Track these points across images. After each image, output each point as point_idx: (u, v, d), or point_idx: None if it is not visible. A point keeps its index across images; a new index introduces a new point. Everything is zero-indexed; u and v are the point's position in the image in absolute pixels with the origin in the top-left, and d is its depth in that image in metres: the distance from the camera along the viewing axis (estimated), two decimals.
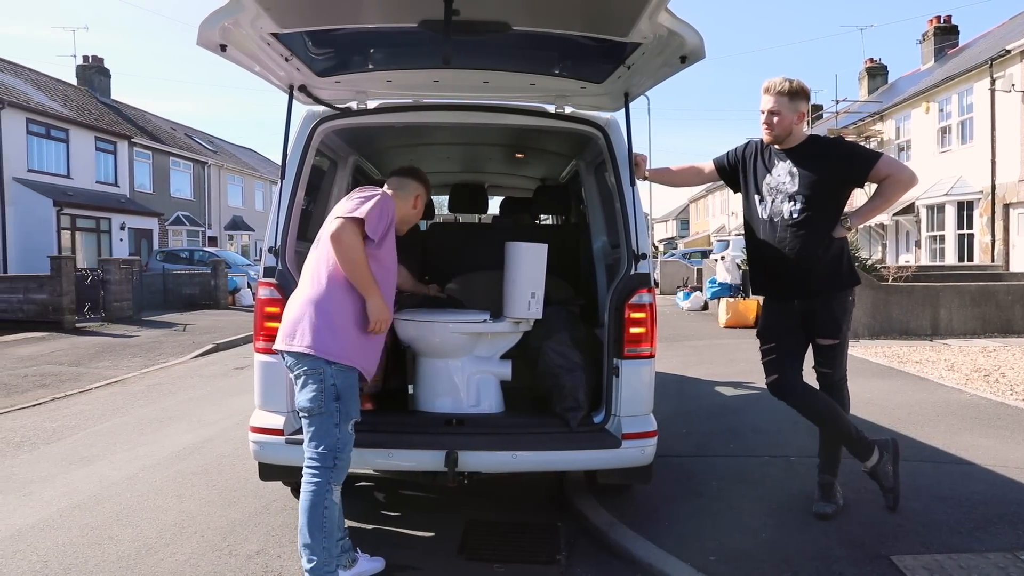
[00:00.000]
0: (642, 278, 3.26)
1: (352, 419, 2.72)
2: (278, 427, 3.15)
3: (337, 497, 2.68)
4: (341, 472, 2.69)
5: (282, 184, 3.33)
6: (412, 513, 3.70)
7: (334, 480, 2.66)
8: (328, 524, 2.63)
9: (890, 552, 2.99)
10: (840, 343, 3.38)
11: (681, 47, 2.85)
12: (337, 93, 3.65)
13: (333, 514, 2.65)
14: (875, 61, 29.70)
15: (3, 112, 20.09)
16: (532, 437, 3.29)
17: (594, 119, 3.69)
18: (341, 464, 2.68)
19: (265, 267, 3.24)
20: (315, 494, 2.63)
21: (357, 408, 2.76)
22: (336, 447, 2.66)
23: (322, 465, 2.65)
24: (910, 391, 6.33)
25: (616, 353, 3.24)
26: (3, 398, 6.86)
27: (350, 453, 2.74)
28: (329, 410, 2.64)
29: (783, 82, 3.26)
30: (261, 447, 3.18)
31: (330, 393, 2.64)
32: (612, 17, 2.81)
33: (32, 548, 3.27)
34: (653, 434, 3.23)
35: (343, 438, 2.67)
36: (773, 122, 3.28)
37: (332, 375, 2.64)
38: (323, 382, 2.64)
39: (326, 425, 2.64)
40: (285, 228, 3.28)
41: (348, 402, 2.68)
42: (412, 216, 3.14)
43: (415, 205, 3.12)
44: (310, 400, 2.63)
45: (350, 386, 2.69)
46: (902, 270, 11.67)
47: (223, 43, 2.80)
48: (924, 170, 20.58)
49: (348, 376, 2.69)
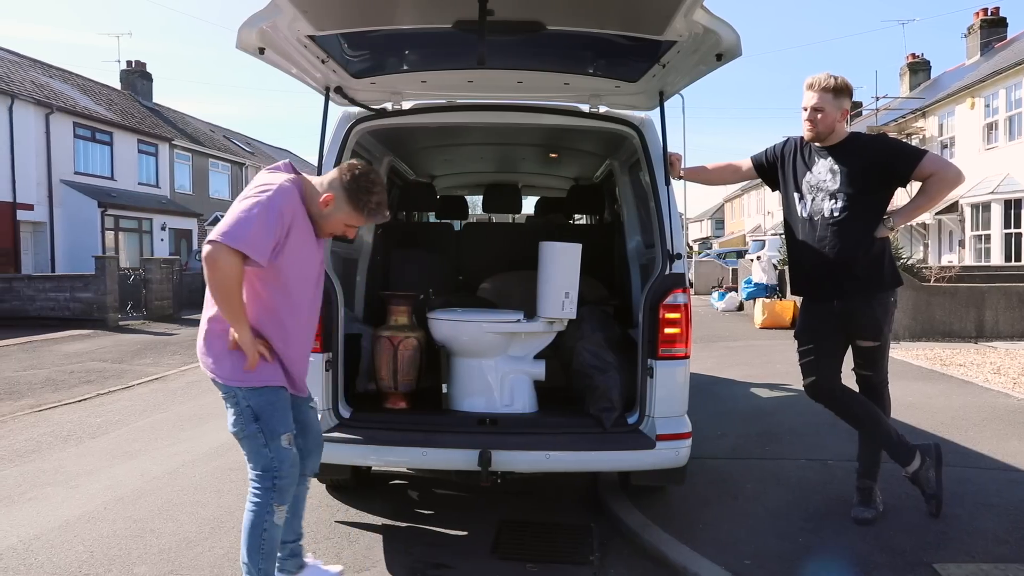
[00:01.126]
0: (677, 278, 3.23)
1: (281, 434, 2.51)
2: None
3: (279, 519, 2.53)
4: (285, 492, 2.52)
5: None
6: (445, 512, 3.72)
7: (276, 500, 2.50)
8: (267, 545, 2.51)
9: (932, 560, 2.91)
10: (881, 345, 3.31)
11: (717, 44, 2.80)
12: (372, 94, 3.68)
13: (275, 537, 2.53)
14: (917, 56, 28.97)
15: (52, 116, 20.74)
16: (566, 437, 3.27)
17: (629, 118, 3.67)
18: (282, 484, 2.50)
19: None
20: (255, 515, 2.50)
21: (285, 422, 2.54)
22: (271, 467, 2.49)
23: (261, 487, 2.50)
24: (954, 395, 6.16)
25: (650, 354, 3.21)
26: (51, 393, 7.09)
27: (295, 468, 2.56)
28: (251, 432, 2.49)
29: (828, 78, 3.20)
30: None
31: (247, 415, 2.48)
32: (647, 15, 2.77)
33: (79, 539, 3.37)
34: (688, 435, 3.21)
35: (277, 456, 2.49)
36: (816, 119, 3.22)
37: (245, 397, 2.47)
38: (238, 405, 2.49)
39: (255, 447, 2.50)
40: None
41: (270, 420, 2.49)
42: (331, 220, 2.58)
43: (326, 205, 2.54)
44: (232, 425, 2.52)
45: (268, 404, 2.49)
46: (945, 270, 11.38)
47: (261, 46, 2.84)
48: (969, 167, 20.01)
49: (263, 395, 2.49)
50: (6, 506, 3.83)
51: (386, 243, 4.79)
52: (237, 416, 2.49)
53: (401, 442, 3.18)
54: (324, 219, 2.56)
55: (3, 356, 9.51)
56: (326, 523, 3.53)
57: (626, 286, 4.41)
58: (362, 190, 2.53)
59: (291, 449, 2.54)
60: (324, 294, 3.14)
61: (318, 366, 3.18)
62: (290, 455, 2.53)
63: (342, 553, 3.19)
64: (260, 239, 2.32)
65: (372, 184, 2.56)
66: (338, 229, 2.62)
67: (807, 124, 3.26)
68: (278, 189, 2.42)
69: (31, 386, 7.44)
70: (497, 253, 4.95)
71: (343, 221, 2.58)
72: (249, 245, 2.30)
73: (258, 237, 2.32)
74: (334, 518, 3.60)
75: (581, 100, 3.81)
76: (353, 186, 2.52)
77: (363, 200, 2.54)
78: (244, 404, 2.47)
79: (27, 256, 20.62)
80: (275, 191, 2.40)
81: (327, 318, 3.24)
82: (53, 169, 20.86)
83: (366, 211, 2.56)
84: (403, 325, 3.61)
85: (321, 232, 2.61)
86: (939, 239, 22.34)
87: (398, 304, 3.63)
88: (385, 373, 3.54)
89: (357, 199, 2.53)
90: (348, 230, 2.64)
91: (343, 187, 2.52)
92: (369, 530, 3.45)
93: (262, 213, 2.34)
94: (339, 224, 2.59)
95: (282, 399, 2.55)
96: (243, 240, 2.29)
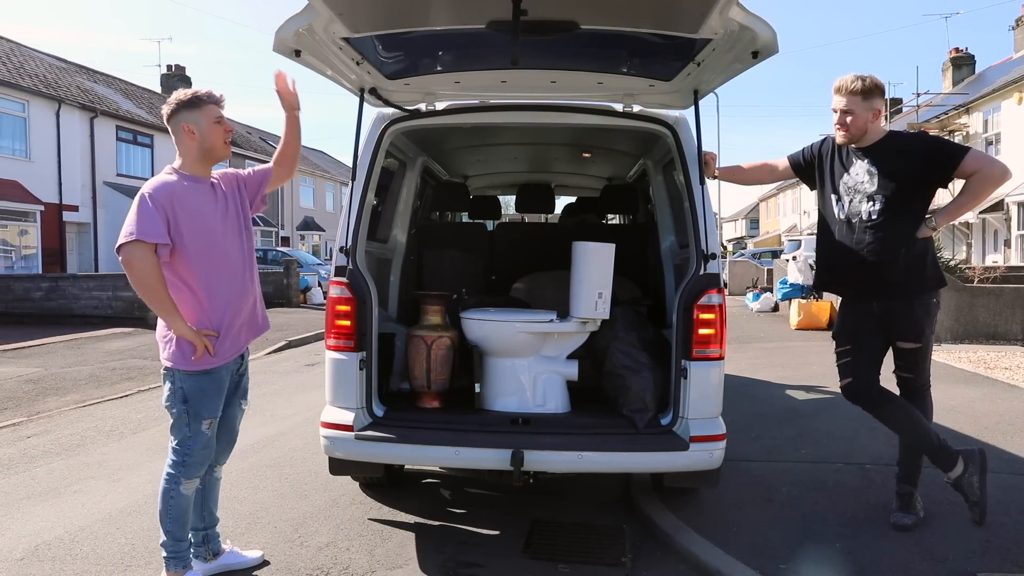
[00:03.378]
0: (711, 278, 3.20)
1: (204, 419, 2.76)
2: (348, 423, 3.22)
3: (187, 490, 2.78)
4: (192, 468, 2.77)
5: (353, 185, 3.42)
6: (477, 511, 3.74)
7: (184, 475, 2.76)
8: (175, 512, 2.76)
9: (976, 569, 2.84)
10: (923, 347, 3.23)
11: (753, 42, 2.77)
12: (406, 95, 3.70)
13: (181, 504, 2.77)
14: (961, 51, 28.23)
15: (96, 120, 21.35)
16: (598, 438, 3.26)
17: (663, 117, 3.63)
18: (191, 461, 2.76)
19: (336, 267, 3.33)
20: (166, 483, 2.77)
21: (211, 408, 2.79)
22: (185, 443, 2.76)
23: (175, 460, 2.77)
24: (999, 399, 5.98)
25: (684, 354, 3.19)
26: (94, 389, 7.29)
27: (206, 451, 2.81)
28: (178, 411, 2.75)
29: (855, 80, 3.12)
30: (331, 442, 3.27)
31: (179, 396, 2.73)
32: (681, 13, 2.76)
33: (121, 531, 3.46)
34: (722, 437, 3.17)
35: (194, 436, 2.75)
36: (847, 122, 3.15)
37: (180, 379, 2.73)
38: (173, 385, 2.74)
39: (178, 423, 2.76)
40: (356, 228, 3.36)
41: (196, 404, 2.74)
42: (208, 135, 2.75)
43: (192, 134, 2.73)
44: (164, 399, 2.79)
45: (199, 390, 2.74)
46: (989, 271, 11.06)
47: (297, 48, 2.90)
48: (1016, 164, 19.39)
49: (196, 380, 2.73)
50: (53, 498, 3.95)
51: (419, 243, 4.83)
52: (169, 393, 2.76)
53: (434, 441, 3.20)
54: (205, 140, 2.75)
55: (50, 353, 9.81)
56: (359, 521, 3.57)
57: (659, 286, 4.39)
58: (188, 95, 2.76)
59: (207, 433, 2.79)
60: (359, 293, 3.30)
61: (352, 365, 3.25)
62: (204, 438, 2.78)
63: (375, 551, 3.23)
64: (147, 224, 2.58)
65: (185, 90, 2.81)
66: (217, 134, 2.78)
67: (838, 127, 3.20)
68: (147, 185, 2.69)
69: (76, 382, 7.66)
70: (529, 253, 4.95)
71: (209, 122, 2.75)
72: (142, 232, 2.56)
73: (144, 223, 2.58)
74: (367, 516, 3.64)
75: (615, 99, 3.80)
76: (183, 100, 2.74)
77: (194, 96, 2.76)
78: (178, 385, 2.73)
79: (72, 256, 21.27)
80: (145, 188, 2.67)
81: (361, 318, 3.28)
82: (97, 171, 21.48)
83: (204, 98, 2.76)
84: (436, 325, 3.63)
85: (216, 151, 2.79)
86: (983, 238, 21.71)
87: (431, 304, 3.66)
88: (418, 372, 3.57)
89: (192, 101, 2.74)
90: (222, 125, 2.80)
91: (181, 108, 2.74)
92: (402, 528, 3.49)
93: (139, 207, 2.62)
94: (213, 129, 2.76)
95: (215, 386, 2.78)
96: (136, 232, 2.56)
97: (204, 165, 2.80)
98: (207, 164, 2.81)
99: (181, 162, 2.78)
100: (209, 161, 2.81)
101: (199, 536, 2.98)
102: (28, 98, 19.44)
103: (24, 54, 22.32)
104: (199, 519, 2.97)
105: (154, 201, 2.61)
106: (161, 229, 2.59)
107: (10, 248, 19.45)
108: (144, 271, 2.58)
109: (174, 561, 2.80)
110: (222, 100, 2.82)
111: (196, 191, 2.74)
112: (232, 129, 2.90)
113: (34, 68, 21.38)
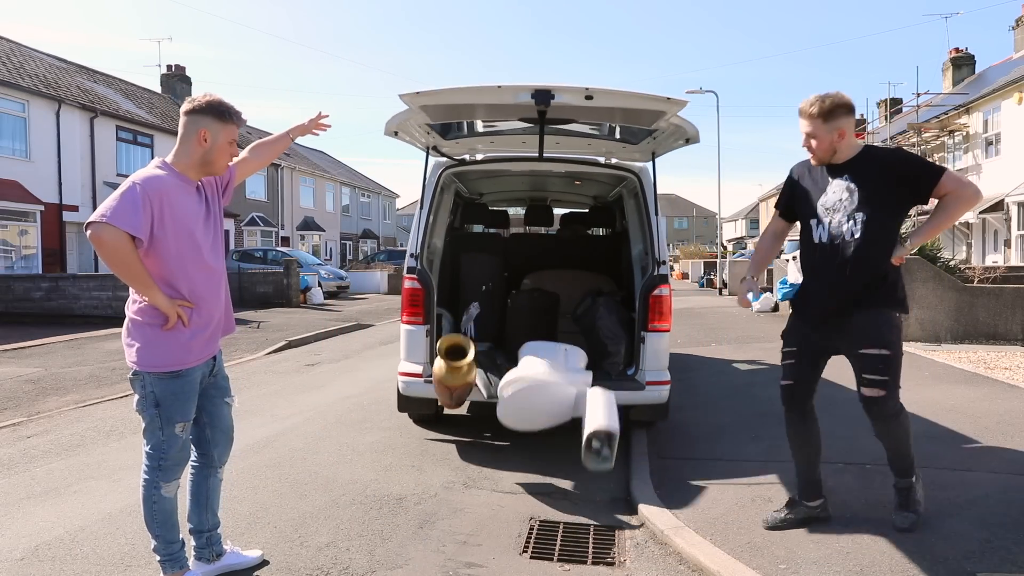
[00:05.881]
0: (662, 278, 4.65)
1: (176, 422, 2.72)
2: (419, 372, 4.67)
3: (168, 492, 2.76)
4: (169, 472, 2.75)
5: (419, 212, 4.96)
6: (478, 511, 3.74)
7: (162, 479, 2.73)
8: (160, 516, 2.75)
9: (976, 569, 2.84)
10: (891, 356, 3.04)
11: (684, 133, 4.52)
12: (456, 149, 5.50)
13: (165, 507, 2.75)
14: (961, 51, 28.24)
15: (96, 120, 21.35)
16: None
17: (630, 167, 5.30)
18: (168, 464, 2.73)
19: (408, 267, 4.77)
20: (145, 489, 2.75)
21: (184, 411, 2.74)
22: (160, 448, 2.72)
23: (150, 465, 2.75)
24: (999, 399, 5.98)
25: (643, 328, 4.64)
26: (94, 389, 7.29)
27: (182, 453, 2.79)
28: (150, 415, 2.71)
29: (814, 103, 3.09)
30: (407, 385, 4.73)
31: (150, 400, 2.70)
32: (640, 117, 4.39)
33: (121, 531, 3.46)
34: (667, 383, 4.63)
35: (168, 440, 2.72)
36: (812, 146, 3.15)
37: (151, 383, 2.69)
38: (144, 389, 2.70)
39: (151, 428, 2.73)
40: (423, 240, 4.84)
41: (168, 408, 2.70)
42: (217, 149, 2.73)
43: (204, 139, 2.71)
44: (135, 404, 2.76)
45: (170, 393, 2.69)
46: (989, 271, 11.05)
47: (396, 131, 4.61)
48: (1016, 164, 19.44)
49: (167, 383, 2.69)
50: (53, 498, 3.95)
51: (453, 249, 6.24)
52: (140, 398, 2.73)
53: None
54: (211, 153, 2.73)
55: (51, 353, 9.81)
56: (359, 521, 3.57)
57: (631, 281, 5.73)
58: (221, 104, 2.74)
59: (181, 437, 2.76)
60: (426, 286, 4.71)
61: (421, 334, 4.68)
62: (179, 441, 2.75)
63: (375, 551, 3.23)
64: (127, 213, 2.52)
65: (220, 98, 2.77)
66: (225, 154, 2.79)
67: (807, 151, 3.21)
68: (139, 175, 2.64)
69: (76, 382, 7.66)
70: (535, 256, 6.69)
71: (226, 140, 2.75)
72: (117, 218, 2.50)
73: (124, 211, 2.52)
74: (367, 516, 3.64)
75: (599, 154, 5.74)
76: (215, 106, 2.72)
77: (226, 108, 2.75)
78: (148, 389, 2.69)
79: (72, 256, 21.26)
80: (136, 177, 2.62)
81: (427, 302, 4.69)
82: (97, 171, 21.48)
83: (234, 116, 2.76)
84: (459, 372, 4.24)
85: (216, 166, 2.78)
86: (983, 239, 21.72)
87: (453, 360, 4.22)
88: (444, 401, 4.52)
89: (222, 112, 2.73)
90: (232, 148, 2.81)
91: (207, 113, 2.71)
92: (402, 528, 3.49)
93: (125, 193, 2.56)
94: (224, 148, 2.76)
95: (186, 389, 2.73)
96: (110, 216, 2.49)
97: (198, 172, 2.78)
98: (201, 173, 2.79)
99: (176, 160, 2.74)
100: (204, 172, 2.80)
101: (202, 539, 2.97)
102: (28, 98, 19.45)
103: (24, 54, 22.33)
104: (202, 522, 2.96)
105: (144, 193, 2.56)
106: (140, 221, 2.53)
107: (10, 248, 19.44)
108: (116, 247, 2.51)
109: (170, 563, 2.78)
110: (242, 124, 2.85)
111: (185, 191, 2.72)
112: (237, 154, 2.93)
113: (34, 68, 21.39)
